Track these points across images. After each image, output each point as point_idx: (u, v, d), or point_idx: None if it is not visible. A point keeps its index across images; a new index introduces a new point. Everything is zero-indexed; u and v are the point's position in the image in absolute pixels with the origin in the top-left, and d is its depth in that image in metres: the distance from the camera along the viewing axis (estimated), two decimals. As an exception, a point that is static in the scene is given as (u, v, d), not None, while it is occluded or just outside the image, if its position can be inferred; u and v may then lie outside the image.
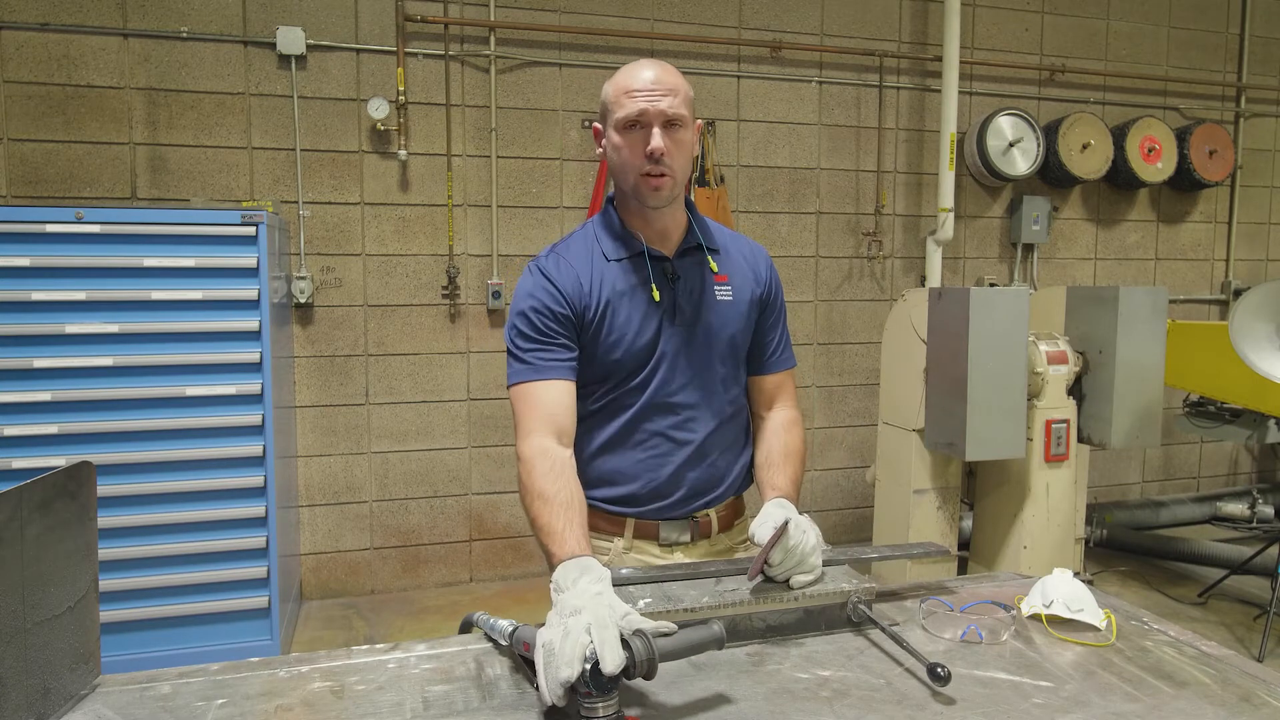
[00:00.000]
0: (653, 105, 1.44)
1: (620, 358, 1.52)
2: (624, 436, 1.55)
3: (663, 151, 1.44)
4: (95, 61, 3.56)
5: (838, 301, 4.63)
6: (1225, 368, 3.46)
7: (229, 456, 3.08)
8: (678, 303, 1.54)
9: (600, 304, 1.51)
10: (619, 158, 1.49)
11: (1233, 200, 5.30)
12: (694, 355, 1.55)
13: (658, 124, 1.44)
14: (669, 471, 1.56)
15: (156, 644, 3.04)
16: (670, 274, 1.55)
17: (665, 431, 1.55)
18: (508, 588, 4.13)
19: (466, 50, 3.98)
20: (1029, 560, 3.37)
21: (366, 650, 1.23)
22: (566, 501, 1.35)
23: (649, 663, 1.01)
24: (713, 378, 1.57)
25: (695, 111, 1.53)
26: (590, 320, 1.51)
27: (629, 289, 1.53)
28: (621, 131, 1.47)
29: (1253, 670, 1.18)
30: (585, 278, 1.52)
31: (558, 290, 1.50)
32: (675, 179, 1.48)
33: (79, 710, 1.08)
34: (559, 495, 1.35)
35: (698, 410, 1.56)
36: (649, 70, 1.46)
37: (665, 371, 1.53)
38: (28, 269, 2.87)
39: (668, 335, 1.53)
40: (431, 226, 4.00)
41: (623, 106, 1.45)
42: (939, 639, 1.28)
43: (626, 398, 1.54)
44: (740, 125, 4.37)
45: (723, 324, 1.57)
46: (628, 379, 1.53)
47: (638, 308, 1.52)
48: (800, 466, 1.60)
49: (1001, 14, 4.74)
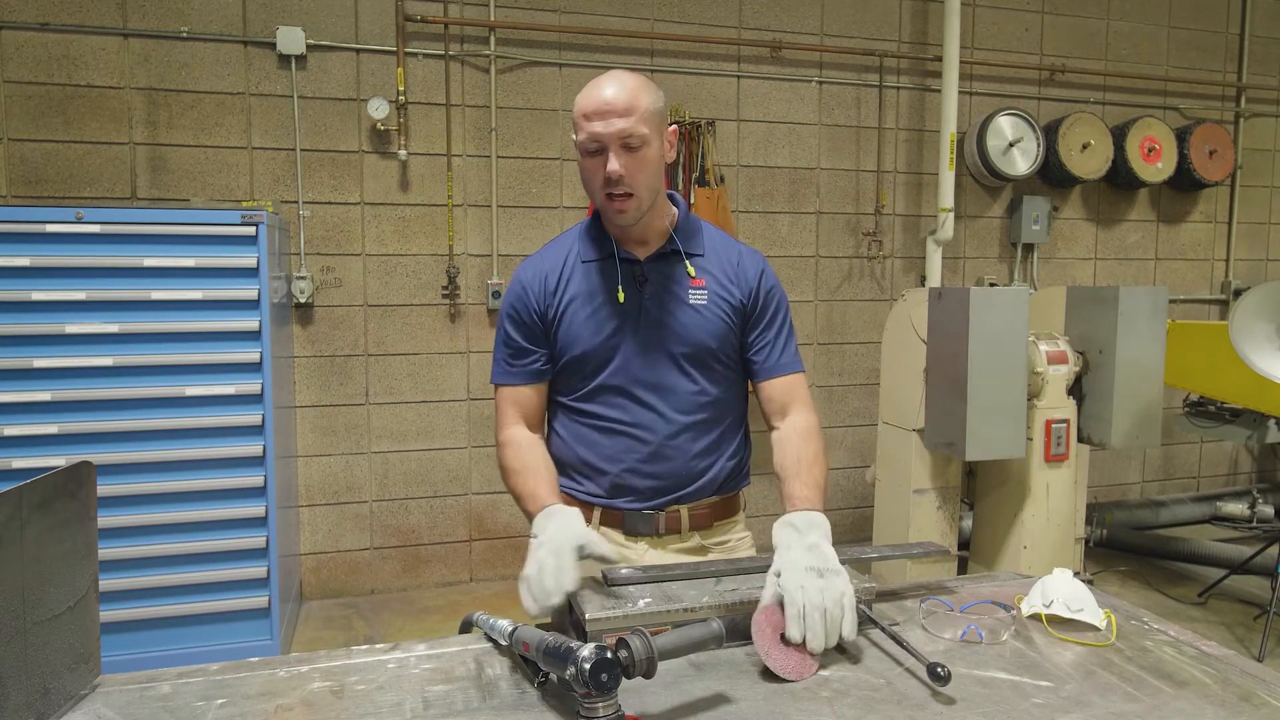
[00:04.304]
0: (606, 130, 1.44)
1: (579, 355, 1.59)
2: (590, 430, 1.62)
3: (620, 174, 1.45)
4: (95, 61, 3.56)
5: (838, 301, 4.63)
6: (1225, 368, 3.46)
7: (229, 456, 3.08)
8: (644, 305, 1.58)
9: (562, 303, 1.59)
10: (584, 176, 1.53)
11: (1233, 200, 5.30)
12: (658, 357, 1.58)
13: (613, 147, 1.44)
14: (630, 468, 1.60)
15: (156, 644, 3.04)
16: (639, 277, 1.58)
17: (626, 429, 1.59)
18: (508, 588, 4.12)
19: (466, 50, 3.98)
20: (1029, 560, 3.37)
21: (366, 650, 1.23)
22: (535, 467, 1.54)
23: (648, 661, 1.01)
24: (677, 378, 1.59)
25: (667, 118, 1.53)
26: (552, 319, 1.60)
27: (594, 290, 1.59)
28: (583, 153, 1.50)
29: (1253, 670, 1.18)
30: (553, 277, 1.61)
31: (528, 295, 1.61)
32: (640, 197, 1.50)
33: (79, 710, 1.08)
34: (528, 464, 1.55)
35: (659, 411, 1.59)
36: (607, 88, 1.45)
37: (627, 370, 1.58)
38: (28, 269, 2.87)
39: (629, 336, 1.57)
40: (431, 226, 4.00)
41: (580, 129, 1.48)
42: (939, 639, 1.28)
43: (591, 394, 1.61)
44: (740, 125, 4.37)
45: (691, 328, 1.59)
46: (591, 375, 1.60)
47: (600, 308, 1.58)
48: (820, 470, 1.53)
49: (1001, 14, 4.74)
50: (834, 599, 1.16)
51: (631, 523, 1.62)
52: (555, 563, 1.26)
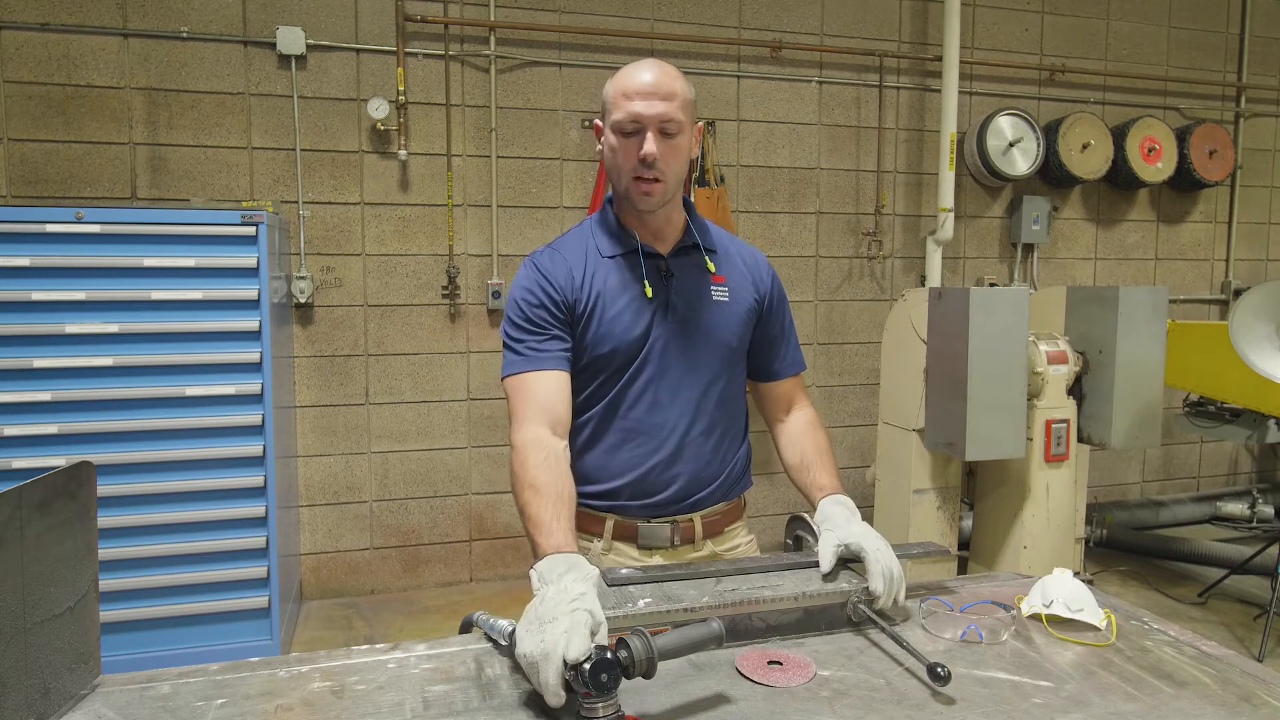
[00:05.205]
0: (648, 110, 1.43)
1: (609, 352, 1.52)
2: (609, 432, 1.56)
3: (655, 157, 1.44)
4: (95, 61, 3.56)
5: (838, 301, 4.63)
6: (1225, 368, 3.46)
7: (229, 456, 3.08)
8: (670, 300, 1.54)
9: (591, 298, 1.52)
10: (614, 159, 1.49)
11: (1233, 200, 5.30)
12: (684, 353, 1.55)
13: (652, 129, 1.44)
14: (653, 469, 1.55)
15: (156, 644, 3.04)
16: (664, 271, 1.56)
17: (650, 429, 1.55)
18: (508, 588, 4.12)
19: (466, 50, 3.98)
20: (1029, 560, 3.37)
21: (366, 650, 1.23)
22: (557, 494, 1.35)
23: (648, 662, 1.01)
24: (701, 377, 1.57)
25: (696, 113, 1.53)
26: (581, 314, 1.52)
27: (621, 284, 1.53)
28: (617, 134, 1.47)
29: (1253, 670, 1.18)
30: (578, 272, 1.53)
31: (550, 283, 1.51)
32: (667, 184, 1.49)
33: (79, 710, 1.07)
34: (550, 487, 1.35)
35: (684, 409, 1.56)
36: (648, 73, 1.46)
37: (653, 367, 1.54)
38: (28, 269, 2.87)
39: (658, 331, 1.53)
40: (431, 226, 4.00)
41: (619, 109, 1.46)
42: (939, 639, 1.28)
43: (613, 393, 1.54)
44: (740, 125, 4.37)
45: (716, 325, 1.57)
46: (616, 374, 1.54)
47: (629, 303, 1.53)
48: (835, 460, 1.62)
49: (1001, 14, 4.74)
50: (898, 565, 1.34)
51: (646, 536, 1.58)
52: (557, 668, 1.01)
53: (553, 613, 1.05)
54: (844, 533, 1.38)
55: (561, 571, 1.16)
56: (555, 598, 1.08)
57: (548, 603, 1.07)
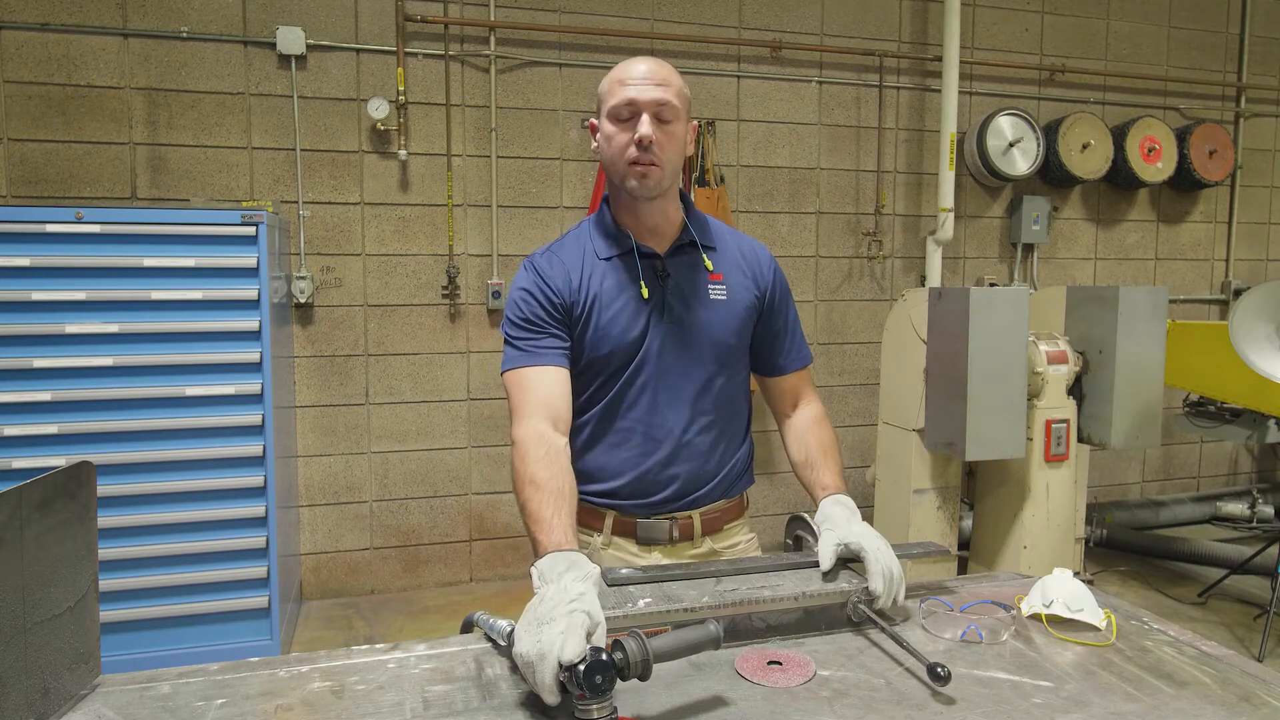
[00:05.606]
0: (643, 95, 1.45)
1: (607, 354, 1.53)
2: (608, 432, 1.57)
3: (651, 139, 1.45)
4: (95, 61, 3.56)
5: (838, 301, 4.63)
6: (1225, 368, 3.46)
7: (229, 456, 3.08)
8: (667, 300, 1.55)
9: (588, 300, 1.53)
10: (609, 147, 1.50)
11: (1233, 200, 5.30)
12: (682, 353, 1.55)
13: (648, 113, 1.45)
14: (651, 468, 1.56)
15: (156, 644, 3.04)
16: (660, 271, 1.56)
17: (649, 429, 1.55)
18: (507, 588, 4.12)
19: (466, 50, 3.98)
20: (1029, 560, 3.37)
21: (366, 650, 1.23)
22: (558, 489, 1.34)
23: (643, 664, 1.01)
24: (699, 376, 1.57)
25: (691, 112, 1.54)
26: (578, 316, 1.53)
27: (618, 286, 1.54)
28: (613, 121, 1.48)
29: (1253, 670, 1.18)
30: (575, 274, 1.54)
31: (548, 285, 1.53)
32: (664, 170, 1.49)
33: (79, 710, 1.08)
34: (550, 482, 1.35)
35: (682, 409, 1.56)
36: (643, 64, 1.48)
37: (651, 368, 1.54)
38: (28, 269, 2.87)
39: (655, 332, 1.54)
40: (431, 226, 4.00)
41: (615, 95, 1.47)
42: (939, 639, 1.28)
43: (612, 394, 1.55)
44: (740, 125, 4.37)
45: (714, 323, 1.57)
46: (614, 376, 1.55)
47: (626, 304, 1.53)
48: (839, 458, 1.62)
49: (1001, 14, 4.74)
50: (898, 565, 1.34)
51: (645, 532, 1.59)
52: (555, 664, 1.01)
53: (550, 613, 1.04)
54: (844, 532, 1.38)
55: (562, 570, 1.16)
56: (554, 598, 1.07)
57: (546, 603, 1.07)
